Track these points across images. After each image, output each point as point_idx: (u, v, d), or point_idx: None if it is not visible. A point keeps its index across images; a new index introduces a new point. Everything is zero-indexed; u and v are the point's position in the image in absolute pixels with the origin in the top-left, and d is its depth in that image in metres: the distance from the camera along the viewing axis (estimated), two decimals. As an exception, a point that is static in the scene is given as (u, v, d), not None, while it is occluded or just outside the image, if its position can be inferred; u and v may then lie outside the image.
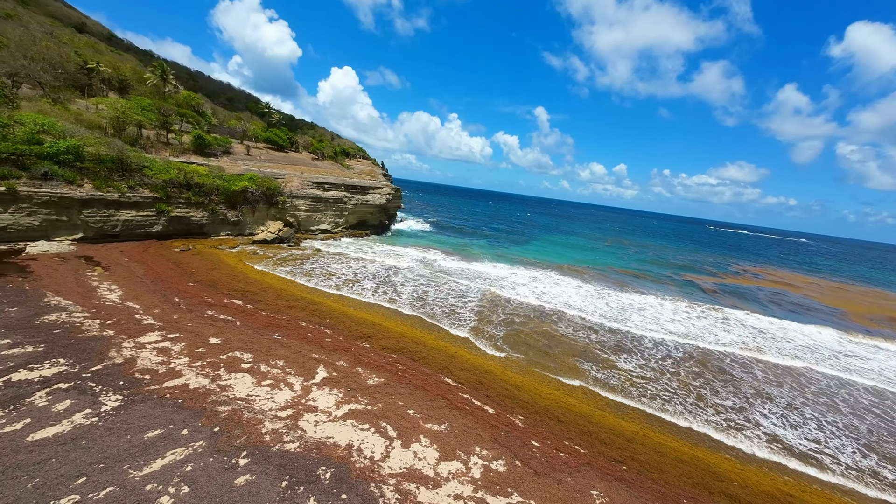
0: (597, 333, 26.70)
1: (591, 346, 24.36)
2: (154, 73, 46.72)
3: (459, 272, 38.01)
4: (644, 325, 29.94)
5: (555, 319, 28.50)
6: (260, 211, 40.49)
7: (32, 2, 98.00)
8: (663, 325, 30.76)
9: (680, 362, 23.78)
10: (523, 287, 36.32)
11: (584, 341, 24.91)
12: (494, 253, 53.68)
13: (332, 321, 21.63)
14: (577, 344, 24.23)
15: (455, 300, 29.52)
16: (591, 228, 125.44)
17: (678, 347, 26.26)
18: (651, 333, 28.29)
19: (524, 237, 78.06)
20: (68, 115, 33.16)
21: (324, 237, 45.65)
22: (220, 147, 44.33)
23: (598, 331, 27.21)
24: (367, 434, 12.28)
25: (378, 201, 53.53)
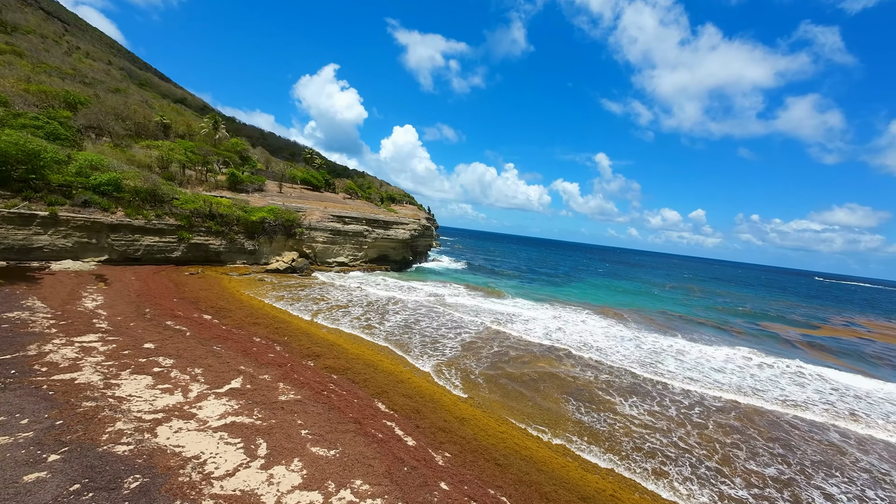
0: (608, 374, 22.39)
1: (591, 384, 20.31)
2: (207, 123, 54.18)
3: (468, 307, 35.59)
4: (678, 372, 24.74)
5: (559, 356, 24.69)
6: (277, 241, 42.56)
7: (148, 82, 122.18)
8: (706, 374, 25.18)
9: (712, 414, 18.71)
10: (536, 323, 32.72)
11: (584, 379, 20.91)
12: (521, 291, 50.24)
13: (289, 339, 20.62)
14: (573, 382, 20.35)
15: (447, 331, 27.15)
16: (654, 275, 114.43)
17: (717, 399, 20.93)
18: (684, 382, 23.15)
19: (565, 279, 72.97)
20: (123, 155, 38.73)
21: (339, 269, 46.35)
22: (253, 185, 48.55)
23: (611, 372, 22.86)
24: (228, 448, 10.52)
25: (401, 236, 53.93)
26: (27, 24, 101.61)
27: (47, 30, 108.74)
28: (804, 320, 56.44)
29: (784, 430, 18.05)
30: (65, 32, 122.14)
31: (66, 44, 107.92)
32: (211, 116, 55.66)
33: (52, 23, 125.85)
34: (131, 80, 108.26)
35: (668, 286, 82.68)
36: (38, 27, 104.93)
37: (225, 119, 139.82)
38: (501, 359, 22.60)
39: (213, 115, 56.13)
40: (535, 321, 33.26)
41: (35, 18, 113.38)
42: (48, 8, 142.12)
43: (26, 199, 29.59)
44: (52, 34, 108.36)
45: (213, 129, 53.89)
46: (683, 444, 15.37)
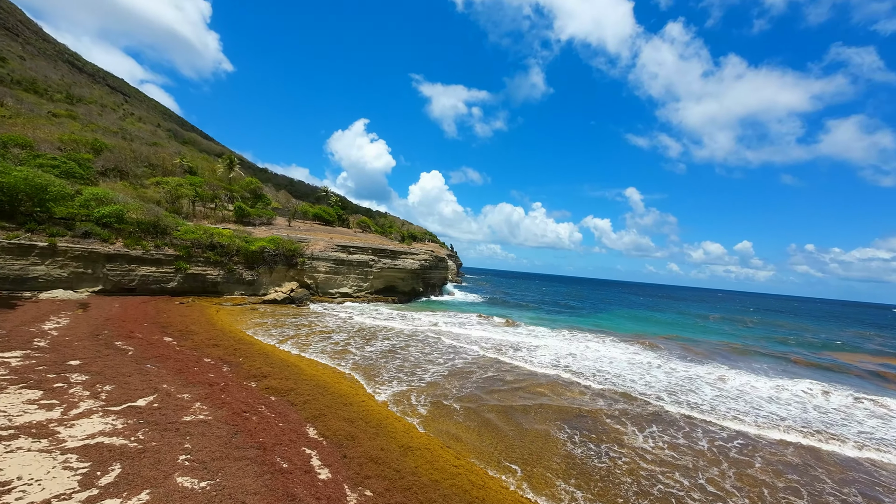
0: (624, 402, 18.27)
1: (599, 412, 16.36)
2: (223, 162, 56.63)
3: (469, 336, 32.26)
4: (716, 401, 20.08)
5: (566, 383, 20.79)
6: (278, 272, 41.68)
7: (191, 140, 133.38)
8: (752, 403, 20.31)
9: (759, 449, 14.23)
10: (545, 350, 28.80)
11: (591, 408, 16.97)
12: (537, 320, 46.06)
13: (244, 360, 18.35)
14: (574, 410, 16.49)
15: (435, 358, 24.01)
16: (697, 307, 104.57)
17: (761, 436, 16.26)
18: (722, 412, 18.57)
19: (592, 310, 67.40)
20: (135, 192, 40.16)
21: (342, 300, 44.51)
22: (262, 218, 48.99)
23: (628, 400, 18.69)
24: (63, 473, 8.07)
25: (409, 266, 52.00)
26: (91, 96, 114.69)
27: (108, 101, 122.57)
28: (882, 349, 47.82)
29: (864, 472, 13.24)
30: (124, 103, 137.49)
31: (122, 111, 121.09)
32: (226, 157, 58.37)
33: (115, 95, 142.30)
34: (175, 138, 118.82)
35: (714, 317, 74.52)
36: (100, 98, 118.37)
37: (258, 170, 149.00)
38: (490, 385, 19.11)
39: (229, 155, 58.90)
40: (545, 348, 29.32)
41: (100, 92, 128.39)
42: (113, 84, 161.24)
43: (29, 230, 30.46)
44: (112, 104, 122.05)
45: (227, 168, 56.24)
46: (714, 487, 11.22)
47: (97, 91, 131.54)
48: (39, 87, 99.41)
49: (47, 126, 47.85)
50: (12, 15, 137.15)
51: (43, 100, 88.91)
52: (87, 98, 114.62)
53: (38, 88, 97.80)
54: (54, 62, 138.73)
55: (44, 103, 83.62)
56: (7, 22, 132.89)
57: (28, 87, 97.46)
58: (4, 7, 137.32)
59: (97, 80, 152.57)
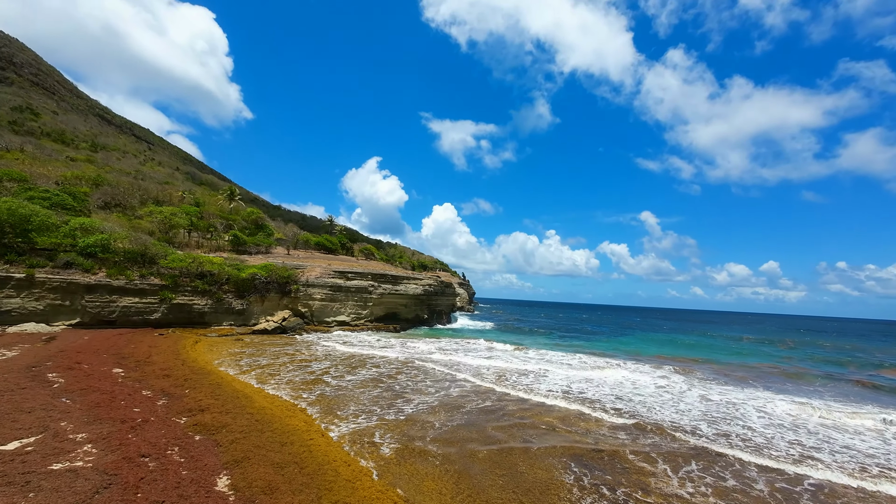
0: (654, 435, 14.48)
1: (621, 448, 12.68)
2: (223, 193, 56.31)
3: (468, 364, 28.70)
4: (765, 435, 16.00)
5: (580, 413, 17.10)
6: (270, 300, 39.37)
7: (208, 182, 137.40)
8: (818, 436, 16.11)
9: (839, 497, 10.29)
10: (555, 376, 25.01)
11: (610, 442, 13.31)
12: (549, 345, 41.95)
13: (190, 392, 15.50)
14: (589, 445, 12.86)
15: (423, 388, 20.68)
16: (728, 329, 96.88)
17: (841, 481, 12.21)
18: (777, 453, 14.53)
19: (612, 334, 62.34)
20: (128, 222, 39.25)
21: (338, 329, 41.58)
22: (259, 247, 47.46)
23: (658, 431, 14.87)
24: None
25: (412, 291, 49.09)
26: (114, 145, 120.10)
27: (131, 148, 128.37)
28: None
29: None
30: (148, 150, 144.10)
31: (143, 156, 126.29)
32: (226, 188, 58.24)
33: (140, 144, 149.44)
34: (192, 180, 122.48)
35: (747, 338, 68.02)
36: (123, 146, 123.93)
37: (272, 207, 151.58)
38: (485, 420, 15.62)
39: (230, 186, 58.80)
40: (556, 374, 25.50)
41: (125, 141, 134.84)
42: (139, 134, 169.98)
43: (8, 262, 29.21)
44: (134, 150, 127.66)
45: (228, 199, 55.85)
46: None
47: (122, 140, 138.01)
48: (67, 138, 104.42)
49: (51, 164, 48.49)
50: (50, 76, 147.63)
51: (69, 148, 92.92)
52: (111, 146, 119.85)
53: (65, 139, 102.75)
54: (85, 116, 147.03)
55: (66, 150, 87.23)
56: (45, 82, 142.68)
57: (56, 138, 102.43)
58: (44, 70, 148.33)
59: (124, 130, 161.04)
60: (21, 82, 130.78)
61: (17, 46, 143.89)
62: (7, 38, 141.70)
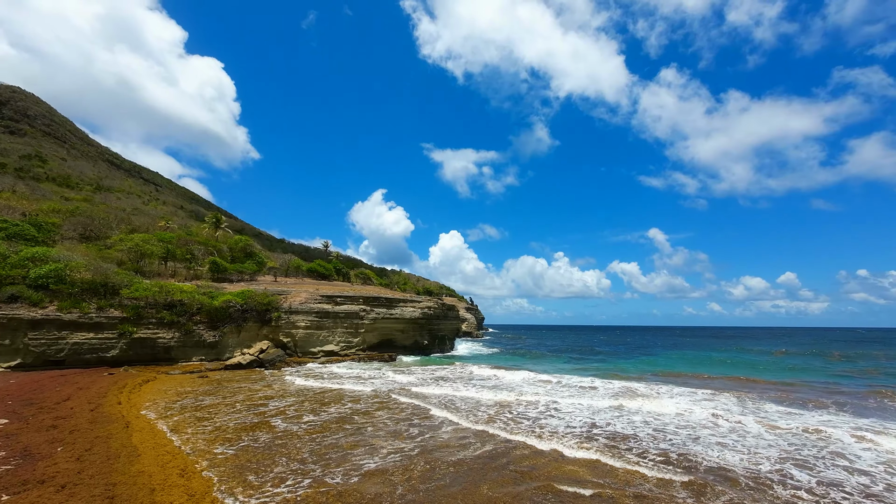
0: (723, 493, 9.45)
1: None
2: (208, 221, 53.47)
3: (467, 399, 23.90)
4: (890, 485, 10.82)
5: (617, 452, 12.13)
6: (248, 330, 35.09)
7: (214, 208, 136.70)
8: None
9: None
10: (572, 408, 19.92)
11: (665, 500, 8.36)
12: (566, 368, 36.57)
13: (62, 450, 11.08)
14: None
15: (404, 428, 15.91)
16: (758, 343, 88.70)
17: None
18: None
19: (630, 353, 56.19)
20: (98, 253, 35.95)
21: (326, 359, 36.84)
22: (243, 274, 43.77)
23: (729, 486, 9.84)
24: None
25: (409, 315, 44.43)
26: (120, 187, 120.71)
27: (136, 189, 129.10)
28: None
29: None
30: (155, 191, 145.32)
31: (147, 196, 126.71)
32: (211, 216, 55.48)
33: (147, 186, 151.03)
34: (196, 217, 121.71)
35: (779, 352, 60.90)
36: (129, 188, 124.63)
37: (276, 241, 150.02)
38: (476, 477, 10.83)
39: (215, 214, 56.11)
40: (571, 405, 20.42)
41: (131, 183, 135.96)
42: (147, 177, 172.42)
43: (-58, 298, 25.74)
44: (139, 191, 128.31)
45: (213, 227, 52.96)
46: None
47: (129, 182, 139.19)
48: (72, 182, 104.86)
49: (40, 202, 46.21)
50: (62, 126, 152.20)
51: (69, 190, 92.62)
52: (116, 188, 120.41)
53: (70, 183, 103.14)
54: (94, 161, 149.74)
55: (65, 191, 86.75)
56: (57, 132, 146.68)
57: (62, 182, 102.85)
58: (57, 120, 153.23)
59: (132, 174, 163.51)
60: (34, 133, 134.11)
61: (33, 100, 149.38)
62: (23, 93, 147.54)
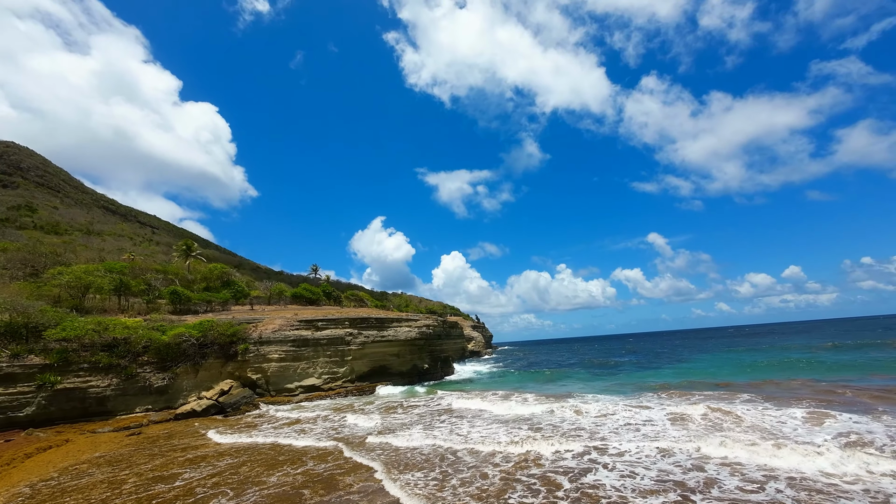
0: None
1: None
2: (177, 249, 47.91)
3: (476, 453, 17.42)
4: None
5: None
6: (209, 368, 28.66)
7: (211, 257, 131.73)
8: None
9: None
10: (632, 454, 13.43)
11: None
12: (599, 387, 29.76)
13: None
14: None
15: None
16: (787, 340, 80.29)
17: None
18: None
19: (667, 362, 48.95)
20: (35, 289, 30.03)
21: (304, 397, 30.15)
22: (212, 304, 37.66)
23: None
24: None
25: (404, 336, 37.90)
26: (110, 230, 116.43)
27: (129, 231, 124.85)
28: None
29: None
30: (152, 234, 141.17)
31: (140, 237, 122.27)
32: (183, 242, 49.96)
33: (143, 229, 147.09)
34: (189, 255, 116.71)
35: (829, 345, 53.21)
36: (121, 231, 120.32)
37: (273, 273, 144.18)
38: None
39: (186, 241, 50.59)
40: (627, 449, 13.89)
41: (125, 227, 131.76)
42: (143, 220, 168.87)
43: None
44: (133, 234, 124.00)
45: (184, 255, 47.36)
46: None
47: (122, 226, 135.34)
48: (60, 228, 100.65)
49: None
50: (56, 176, 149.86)
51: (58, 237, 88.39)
52: (107, 231, 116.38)
53: (58, 230, 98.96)
54: (89, 208, 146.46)
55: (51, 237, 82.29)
56: (50, 182, 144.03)
57: (49, 230, 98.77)
58: (51, 171, 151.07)
59: (128, 219, 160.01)
60: (26, 185, 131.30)
61: (26, 153, 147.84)
62: (17, 147, 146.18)
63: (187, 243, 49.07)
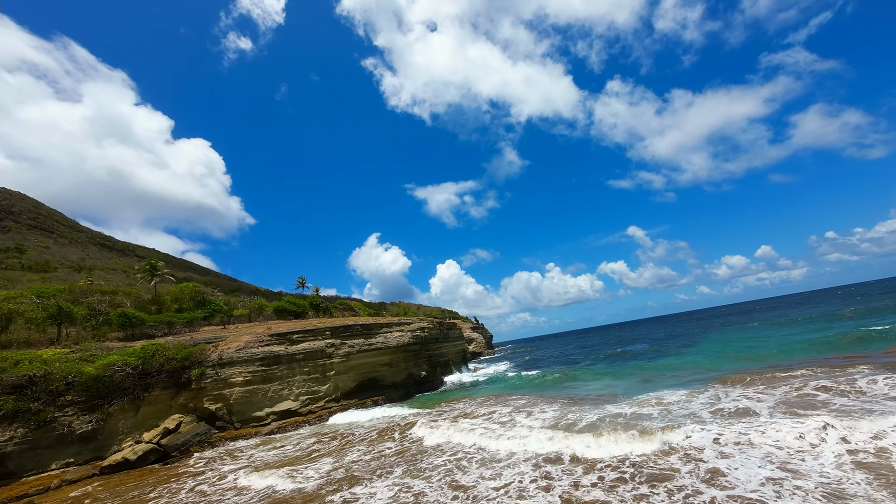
0: None
1: None
2: (141, 270, 41.55)
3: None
4: None
5: None
6: (153, 402, 22.07)
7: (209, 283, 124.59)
8: None
9: None
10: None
11: None
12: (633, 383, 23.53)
13: None
14: None
15: None
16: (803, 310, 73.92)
17: None
18: None
19: (686, 344, 42.77)
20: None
21: (277, 425, 23.53)
22: (175, 326, 31.14)
23: None
24: None
25: (395, 342, 31.49)
26: (102, 265, 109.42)
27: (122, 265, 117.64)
28: None
29: None
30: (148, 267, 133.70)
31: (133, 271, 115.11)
32: (145, 263, 43.49)
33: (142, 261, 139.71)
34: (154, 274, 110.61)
35: (850, 312, 47.12)
36: (114, 265, 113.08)
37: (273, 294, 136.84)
38: None
39: (150, 261, 44.13)
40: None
41: (120, 262, 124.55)
42: (141, 254, 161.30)
43: None
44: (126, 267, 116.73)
45: (148, 275, 40.95)
46: None
47: (118, 261, 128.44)
48: (49, 267, 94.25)
49: None
50: (49, 218, 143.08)
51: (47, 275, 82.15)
52: (99, 266, 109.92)
53: (48, 268, 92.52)
54: (84, 246, 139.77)
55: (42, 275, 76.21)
56: (43, 224, 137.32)
57: (38, 269, 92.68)
58: (43, 213, 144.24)
59: (126, 254, 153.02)
60: (18, 228, 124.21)
61: (18, 198, 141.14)
62: (8, 192, 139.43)
63: (151, 263, 42.60)
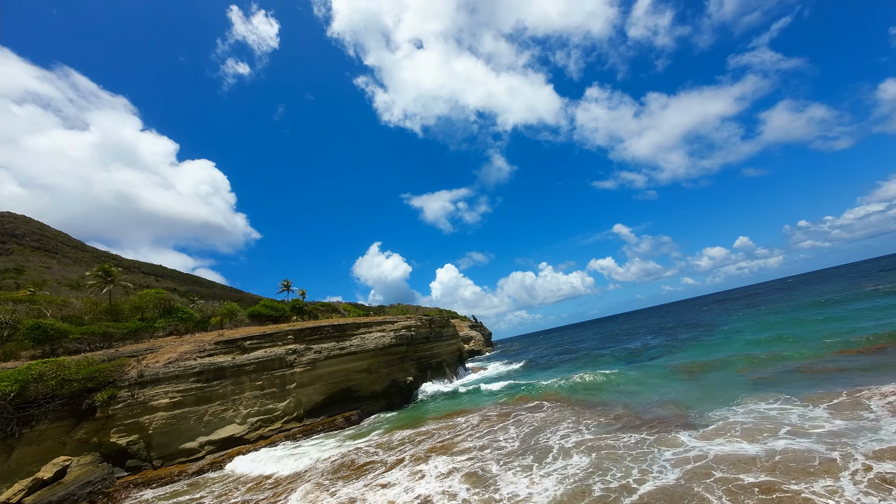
0: None
1: None
2: (92, 276, 35.27)
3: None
4: None
5: None
6: (40, 439, 15.55)
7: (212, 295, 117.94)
8: None
9: None
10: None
11: None
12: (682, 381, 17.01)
13: None
14: None
15: None
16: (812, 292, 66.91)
17: None
18: None
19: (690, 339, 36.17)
20: None
21: (216, 457, 16.96)
22: (111, 336, 24.70)
23: None
24: None
25: (375, 343, 24.97)
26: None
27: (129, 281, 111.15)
28: None
29: None
30: (155, 281, 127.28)
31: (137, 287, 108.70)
32: (98, 268, 37.20)
33: (147, 277, 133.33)
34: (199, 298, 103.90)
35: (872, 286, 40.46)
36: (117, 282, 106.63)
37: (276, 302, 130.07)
38: None
39: (101, 265, 37.86)
40: None
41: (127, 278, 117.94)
42: (147, 270, 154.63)
43: None
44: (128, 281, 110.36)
45: (101, 282, 34.73)
46: None
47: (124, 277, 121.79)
48: (47, 286, 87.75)
49: None
50: (53, 239, 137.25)
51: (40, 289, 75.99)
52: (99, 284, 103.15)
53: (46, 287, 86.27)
54: (88, 265, 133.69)
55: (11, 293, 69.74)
56: (47, 245, 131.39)
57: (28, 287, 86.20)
58: (48, 235, 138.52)
59: (131, 270, 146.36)
60: (21, 250, 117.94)
61: (22, 221, 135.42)
62: (13, 216, 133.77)
63: (104, 268, 36.28)
